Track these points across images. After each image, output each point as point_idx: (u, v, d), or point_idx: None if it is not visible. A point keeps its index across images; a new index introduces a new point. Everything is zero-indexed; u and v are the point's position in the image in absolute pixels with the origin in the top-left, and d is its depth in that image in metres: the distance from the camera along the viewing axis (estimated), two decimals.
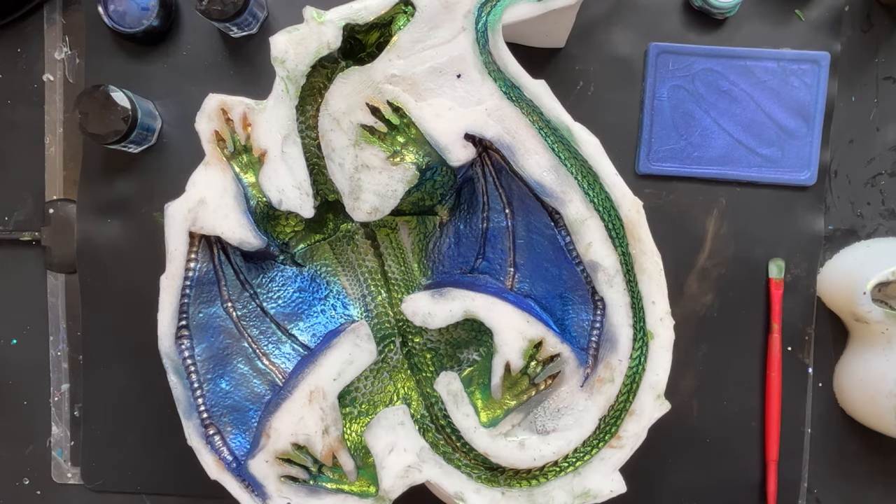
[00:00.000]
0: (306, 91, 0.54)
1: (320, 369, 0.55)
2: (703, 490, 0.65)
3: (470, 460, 0.56)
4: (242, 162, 0.55)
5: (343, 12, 0.53)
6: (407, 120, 0.53)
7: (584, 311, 0.56)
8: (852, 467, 0.66)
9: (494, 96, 0.53)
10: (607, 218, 0.54)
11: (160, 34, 0.64)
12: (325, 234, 0.60)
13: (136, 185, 0.65)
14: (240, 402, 0.57)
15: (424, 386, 0.59)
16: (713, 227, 0.64)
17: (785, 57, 0.63)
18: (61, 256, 0.65)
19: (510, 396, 0.55)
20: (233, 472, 0.55)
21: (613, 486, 0.54)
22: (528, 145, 0.53)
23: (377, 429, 0.55)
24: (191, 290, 0.55)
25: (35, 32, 0.66)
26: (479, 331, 0.57)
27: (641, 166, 0.64)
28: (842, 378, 0.64)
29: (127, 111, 0.59)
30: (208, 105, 0.54)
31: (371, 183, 0.54)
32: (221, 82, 0.64)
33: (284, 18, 0.64)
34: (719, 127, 0.64)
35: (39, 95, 0.66)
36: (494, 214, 0.57)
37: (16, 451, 0.67)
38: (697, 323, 0.65)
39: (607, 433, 0.55)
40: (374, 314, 0.60)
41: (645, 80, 0.64)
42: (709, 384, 0.65)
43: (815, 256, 0.64)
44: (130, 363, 0.65)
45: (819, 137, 0.63)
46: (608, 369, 0.54)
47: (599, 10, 0.64)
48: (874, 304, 0.59)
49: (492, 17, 0.52)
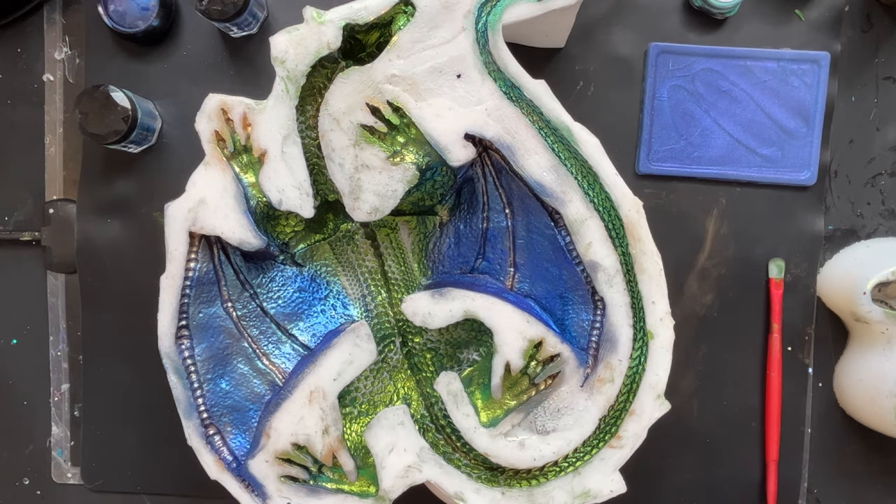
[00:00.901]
0: (306, 91, 0.54)
1: (320, 369, 0.55)
2: (703, 490, 0.65)
3: (470, 460, 0.56)
4: (242, 162, 0.55)
5: (343, 12, 0.53)
6: (407, 120, 0.53)
7: (584, 311, 0.56)
8: (852, 467, 0.66)
9: (494, 96, 0.53)
10: (607, 218, 0.54)
11: (160, 34, 0.64)
12: (325, 234, 0.60)
13: (136, 185, 0.65)
14: (240, 402, 0.57)
15: (424, 386, 0.59)
16: (713, 227, 0.64)
17: (785, 57, 0.63)
18: (61, 256, 0.65)
19: (510, 396, 0.55)
20: (233, 472, 0.55)
21: (613, 486, 0.54)
22: (528, 145, 0.53)
23: (377, 429, 0.55)
24: (191, 290, 0.55)
25: (35, 32, 0.66)
26: (479, 331, 0.57)
27: (641, 166, 0.64)
28: (842, 378, 0.64)
29: (127, 111, 0.59)
30: (208, 105, 0.54)
31: (371, 183, 0.54)
32: (221, 82, 0.64)
33: (284, 18, 0.64)
34: (719, 127, 0.64)
35: (39, 95, 0.66)
36: (494, 214, 0.57)
37: (16, 451, 0.67)
38: (697, 323, 0.65)
39: (607, 433, 0.55)
40: (374, 314, 0.60)
41: (645, 80, 0.64)
42: (709, 384, 0.65)
43: (815, 256, 0.64)
44: (130, 363, 0.65)
45: (819, 137, 0.63)
46: (608, 369, 0.54)
47: (599, 10, 0.64)
48: (874, 304, 0.59)
49: (492, 17, 0.52)
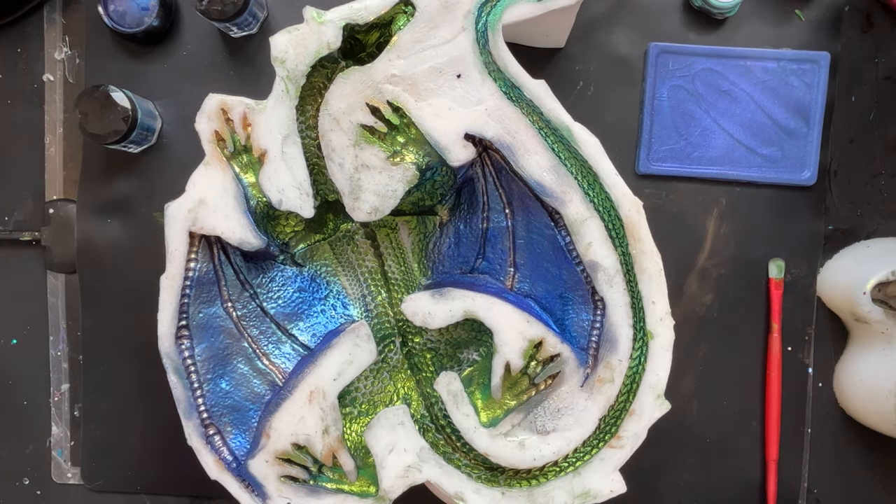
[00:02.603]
0: (306, 91, 0.54)
1: (320, 369, 0.55)
2: (703, 490, 0.65)
3: (470, 460, 0.56)
4: (242, 162, 0.55)
5: (343, 12, 0.53)
6: (407, 120, 0.53)
7: (584, 311, 0.56)
8: (852, 467, 0.66)
9: (494, 96, 0.53)
10: (607, 218, 0.54)
11: (160, 34, 0.64)
12: (325, 234, 0.60)
13: (136, 185, 0.65)
14: (240, 402, 0.57)
15: (424, 386, 0.59)
16: (713, 227, 0.64)
17: (785, 57, 0.63)
18: (61, 256, 0.65)
19: (510, 396, 0.55)
20: (233, 472, 0.55)
21: (613, 486, 0.54)
22: (528, 145, 0.53)
23: (377, 429, 0.55)
24: (191, 290, 0.55)
25: (35, 32, 0.66)
26: (479, 331, 0.57)
27: (641, 166, 0.64)
28: (842, 378, 0.64)
29: (127, 111, 0.59)
30: (208, 105, 0.54)
31: (371, 183, 0.54)
32: (221, 82, 0.64)
33: (284, 18, 0.64)
34: (719, 127, 0.64)
35: (39, 95, 0.66)
36: (494, 214, 0.57)
37: (16, 451, 0.67)
38: (697, 323, 0.65)
39: (607, 433, 0.55)
40: (374, 314, 0.60)
41: (645, 80, 0.64)
42: (709, 384, 0.65)
43: (815, 256, 0.64)
44: (130, 363, 0.65)
45: (819, 137, 0.63)
46: (608, 369, 0.54)
47: (599, 10, 0.64)
48: (874, 304, 0.59)
49: (492, 17, 0.52)
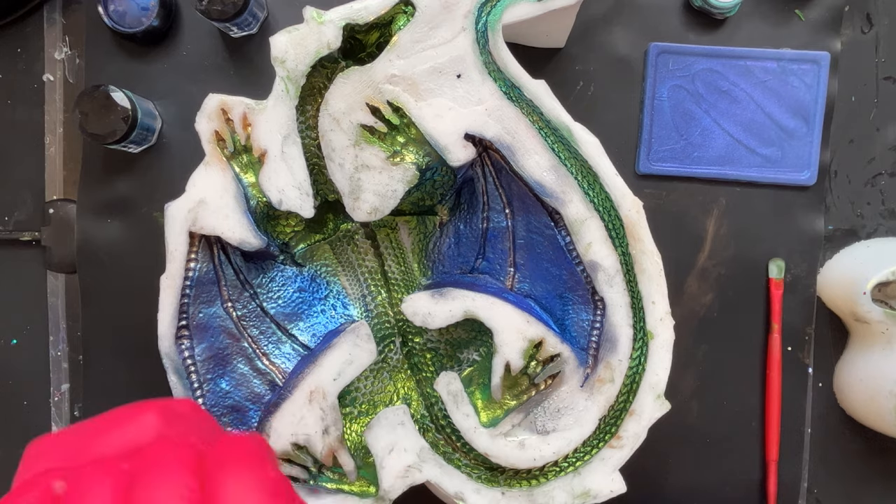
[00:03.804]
0: (306, 91, 0.54)
1: (320, 369, 0.55)
2: (703, 490, 0.65)
3: (470, 460, 0.56)
4: (242, 162, 0.55)
5: (343, 12, 0.53)
6: (407, 120, 0.53)
7: (584, 311, 0.56)
8: (852, 467, 0.66)
9: (494, 96, 0.53)
10: (607, 218, 0.54)
11: (160, 34, 0.64)
12: (325, 234, 0.60)
13: (136, 185, 0.65)
14: (240, 402, 0.57)
15: (424, 386, 0.59)
16: (713, 227, 0.64)
17: (785, 57, 0.63)
18: (61, 256, 0.65)
19: (510, 396, 0.55)
20: None
21: (613, 486, 0.54)
22: (528, 145, 0.53)
23: (377, 429, 0.55)
24: (191, 290, 0.55)
25: (35, 32, 0.66)
26: (479, 331, 0.57)
27: (641, 166, 0.64)
28: (842, 378, 0.64)
29: (127, 111, 0.59)
30: (208, 105, 0.54)
31: (371, 183, 0.54)
32: (221, 82, 0.64)
33: (284, 18, 0.64)
34: (719, 127, 0.64)
35: (39, 95, 0.66)
36: (494, 214, 0.57)
37: (16, 451, 0.67)
38: (697, 323, 0.65)
39: (607, 433, 0.55)
40: (374, 314, 0.60)
41: (645, 80, 0.64)
42: (709, 384, 0.65)
43: (815, 256, 0.64)
44: (130, 363, 0.65)
45: (819, 137, 0.63)
46: (608, 369, 0.54)
47: (599, 10, 0.64)
48: (874, 304, 0.59)
49: (492, 17, 0.52)
